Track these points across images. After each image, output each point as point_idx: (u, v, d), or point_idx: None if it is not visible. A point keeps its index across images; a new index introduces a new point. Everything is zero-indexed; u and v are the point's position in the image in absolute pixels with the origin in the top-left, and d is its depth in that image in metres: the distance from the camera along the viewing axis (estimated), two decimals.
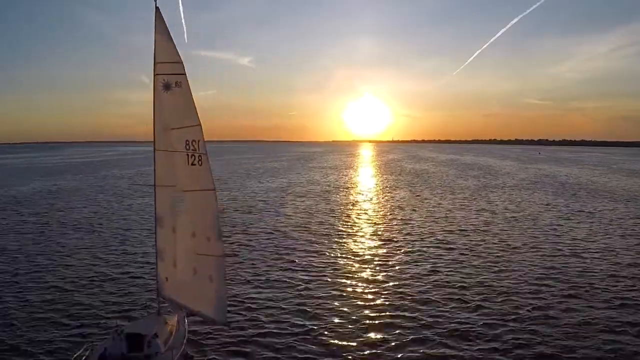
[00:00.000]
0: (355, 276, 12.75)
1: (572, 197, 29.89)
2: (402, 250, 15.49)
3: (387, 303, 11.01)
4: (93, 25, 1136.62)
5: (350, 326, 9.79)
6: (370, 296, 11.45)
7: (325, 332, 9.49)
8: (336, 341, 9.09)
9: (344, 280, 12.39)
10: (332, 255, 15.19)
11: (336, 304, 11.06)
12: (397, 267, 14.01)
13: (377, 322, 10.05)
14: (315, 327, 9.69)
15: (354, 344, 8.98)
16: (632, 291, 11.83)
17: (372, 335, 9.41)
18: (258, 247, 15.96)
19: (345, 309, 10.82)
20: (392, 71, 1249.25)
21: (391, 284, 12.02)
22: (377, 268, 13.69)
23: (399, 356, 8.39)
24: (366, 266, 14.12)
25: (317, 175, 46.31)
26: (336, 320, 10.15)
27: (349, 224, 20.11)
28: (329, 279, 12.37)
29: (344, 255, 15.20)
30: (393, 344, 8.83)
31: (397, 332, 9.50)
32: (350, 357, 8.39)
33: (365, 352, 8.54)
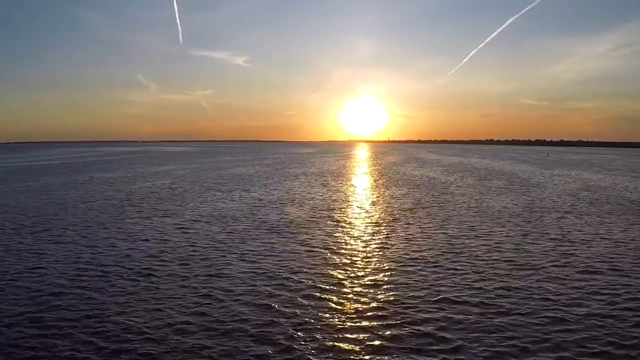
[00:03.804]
0: None
1: None
2: None
3: None
4: (93, 25, 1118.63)
5: None
6: None
7: None
8: None
9: None
10: None
11: None
12: None
13: None
14: None
15: None
16: None
17: None
18: None
19: None
20: (390, 71, 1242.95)
21: None
22: None
23: None
24: None
25: (298, 187, 35.41)
26: None
27: (336, 325, 9.36)
28: None
29: None
30: None
31: None
32: None
33: None
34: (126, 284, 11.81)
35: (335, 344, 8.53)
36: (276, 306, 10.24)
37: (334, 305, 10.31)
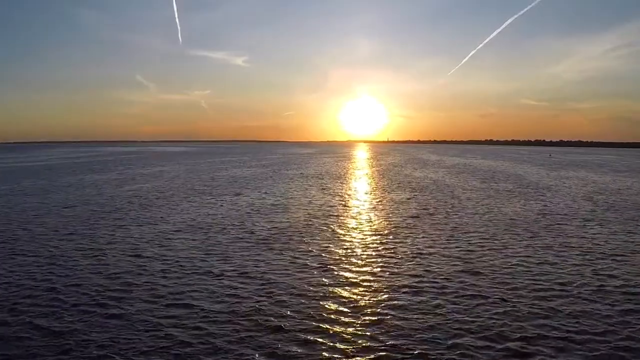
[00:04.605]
0: None
1: None
2: None
3: None
4: (93, 25, 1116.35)
5: None
6: None
7: None
8: None
9: None
10: None
11: None
12: None
13: None
14: None
15: None
16: None
17: None
18: None
19: None
20: (390, 71, 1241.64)
21: None
22: None
23: None
24: None
25: (294, 190, 33.43)
26: None
27: None
28: None
29: None
30: None
31: None
32: None
33: None
34: (84, 309, 9.84)
35: None
36: (261, 338, 8.27)
37: (329, 342, 8.33)
